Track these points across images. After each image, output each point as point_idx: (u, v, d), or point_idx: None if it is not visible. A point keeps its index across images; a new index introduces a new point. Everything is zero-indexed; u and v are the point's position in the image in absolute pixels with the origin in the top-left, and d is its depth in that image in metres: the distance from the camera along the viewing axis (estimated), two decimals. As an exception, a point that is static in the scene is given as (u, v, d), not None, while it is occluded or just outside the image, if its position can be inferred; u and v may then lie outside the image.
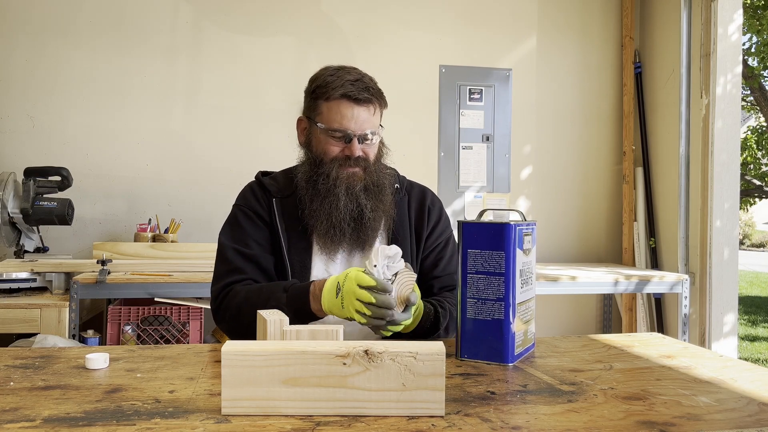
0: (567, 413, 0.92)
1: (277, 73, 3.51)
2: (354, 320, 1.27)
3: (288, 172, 1.62)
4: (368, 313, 1.23)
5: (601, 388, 1.05)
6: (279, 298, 1.39)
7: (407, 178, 1.71)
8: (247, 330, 1.44)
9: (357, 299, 1.23)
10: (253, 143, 3.47)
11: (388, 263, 1.26)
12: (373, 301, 1.22)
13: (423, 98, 3.66)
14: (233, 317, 1.45)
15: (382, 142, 1.61)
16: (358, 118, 1.50)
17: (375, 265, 1.25)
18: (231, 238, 1.54)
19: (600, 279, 3.17)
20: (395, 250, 1.26)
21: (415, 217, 1.62)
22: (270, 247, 1.54)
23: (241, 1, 3.49)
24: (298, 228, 1.54)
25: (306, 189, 1.54)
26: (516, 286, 1.20)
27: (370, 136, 1.52)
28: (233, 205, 1.61)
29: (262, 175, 1.66)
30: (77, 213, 3.14)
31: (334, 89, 1.49)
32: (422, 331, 1.42)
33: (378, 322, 1.25)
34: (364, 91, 1.50)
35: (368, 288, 1.23)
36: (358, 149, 1.50)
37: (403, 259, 1.28)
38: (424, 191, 1.68)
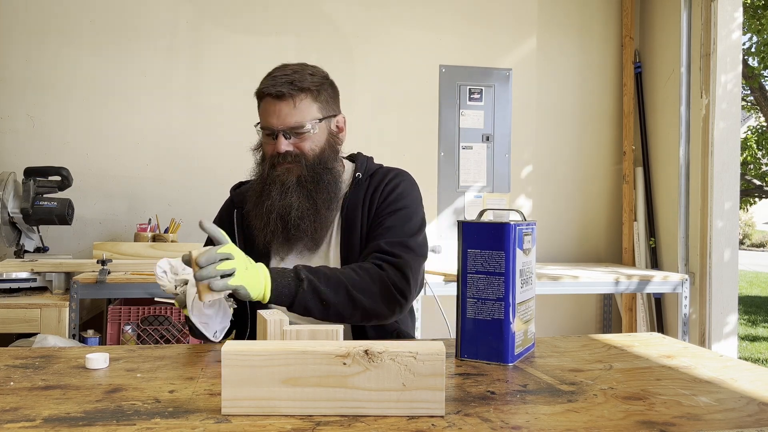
0: (567, 413, 0.92)
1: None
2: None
3: None
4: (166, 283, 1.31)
5: (601, 388, 1.05)
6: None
7: (385, 165, 1.66)
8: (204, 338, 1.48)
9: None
10: (252, 143, 3.45)
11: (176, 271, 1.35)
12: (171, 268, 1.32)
13: (423, 98, 3.66)
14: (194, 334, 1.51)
15: (333, 135, 1.57)
16: (279, 113, 1.48)
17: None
18: None
19: (600, 279, 3.16)
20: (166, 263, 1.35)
21: (369, 199, 1.56)
22: None
23: (242, 0, 3.49)
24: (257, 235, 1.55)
25: (251, 190, 1.57)
26: (516, 286, 1.20)
27: (299, 130, 1.49)
28: None
29: (236, 187, 1.70)
30: (77, 213, 3.14)
31: (259, 89, 1.52)
32: (288, 290, 1.32)
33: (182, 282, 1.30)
34: (283, 85, 1.47)
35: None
36: (283, 145, 1.49)
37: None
38: (386, 172, 1.60)
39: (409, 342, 0.98)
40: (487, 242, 1.20)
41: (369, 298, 1.39)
